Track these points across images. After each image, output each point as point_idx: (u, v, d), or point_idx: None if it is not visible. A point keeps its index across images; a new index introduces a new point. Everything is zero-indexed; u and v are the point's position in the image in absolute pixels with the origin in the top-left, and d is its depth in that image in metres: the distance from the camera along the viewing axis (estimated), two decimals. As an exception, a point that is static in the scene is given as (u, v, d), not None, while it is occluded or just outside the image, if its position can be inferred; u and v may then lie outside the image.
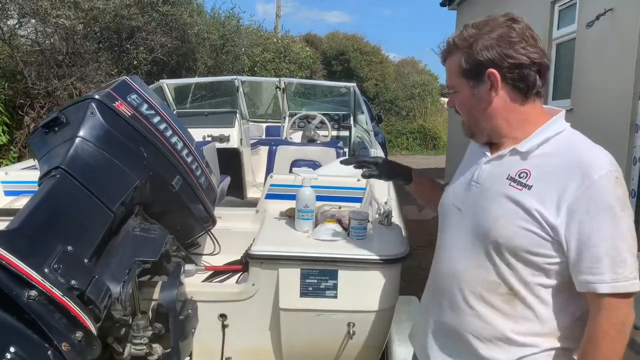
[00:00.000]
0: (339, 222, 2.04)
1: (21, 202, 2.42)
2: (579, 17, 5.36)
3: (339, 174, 2.42)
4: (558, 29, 6.04)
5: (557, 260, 1.23)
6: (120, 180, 1.71)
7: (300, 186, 2.08)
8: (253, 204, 2.55)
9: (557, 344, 1.29)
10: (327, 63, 21.85)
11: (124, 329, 1.69)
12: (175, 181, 1.86)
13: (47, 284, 1.32)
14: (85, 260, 1.47)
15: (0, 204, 2.42)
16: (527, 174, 1.28)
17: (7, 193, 2.48)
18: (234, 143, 4.75)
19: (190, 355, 1.92)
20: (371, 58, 22.99)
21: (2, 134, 6.86)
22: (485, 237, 1.29)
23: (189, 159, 1.99)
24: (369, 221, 2.01)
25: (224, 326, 1.95)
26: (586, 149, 1.27)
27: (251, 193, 4.76)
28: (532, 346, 1.29)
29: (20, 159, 7.01)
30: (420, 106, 21.24)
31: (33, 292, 1.30)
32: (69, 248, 1.43)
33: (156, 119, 1.90)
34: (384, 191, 2.29)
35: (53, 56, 7.46)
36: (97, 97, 1.72)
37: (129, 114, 1.79)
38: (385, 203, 2.09)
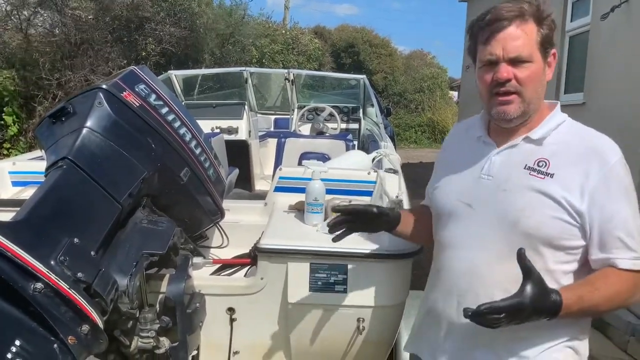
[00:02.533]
0: (349, 215, 2.01)
1: (28, 193, 2.40)
2: (593, 9, 5.28)
3: (349, 166, 2.38)
4: (572, 21, 5.95)
5: (581, 243, 1.25)
6: (128, 172, 1.68)
7: (310, 179, 2.05)
8: (261, 196, 2.52)
9: (571, 332, 1.30)
10: (336, 55, 21.78)
11: (131, 322, 1.67)
12: (183, 173, 1.84)
13: (53, 277, 1.30)
14: (92, 253, 1.45)
15: (8, 195, 2.41)
16: (546, 163, 1.27)
17: (15, 183, 2.47)
18: (242, 135, 4.72)
19: (198, 349, 1.90)
20: (380, 50, 22.89)
21: (12, 124, 6.89)
22: (513, 229, 1.26)
23: (198, 151, 1.96)
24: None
25: (232, 320, 1.93)
26: (596, 135, 1.30)
27: (259, 185, 4.74)
28: (553, 338, 1.28)
29: (30, 149, 7.04)
30: (429, 99, 21.16)
31: (39, 285, 1.28)
32: (76, 240, 1.41)
33: (164, 110, 1.87)
34: (394, 185, 2.25)
35: (65, 47, 7.45)
36: (104, 86, 1.69)
37: (137, 105, 1.76)
38: (397, 197, 2.06)
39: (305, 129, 5.42)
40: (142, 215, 1.78)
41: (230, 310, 1.92)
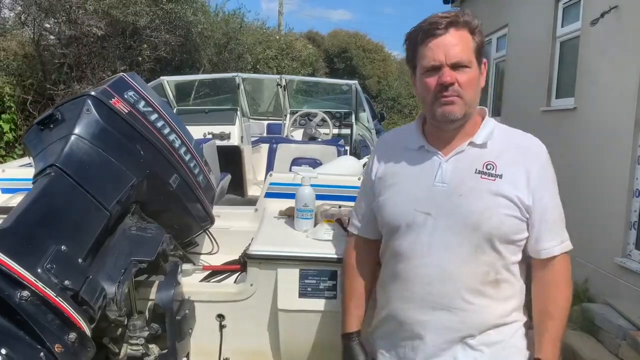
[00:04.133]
0: (339, 221, 2.02)
1: (17, 200, 2.39)
2: (584, 15, 5.31)
3: (340, 172, 2.39)
4: (562, 26, 5.99)
5: (526, 235, 1.40)
6: (117, 179, 1.68)
7: (300, 185, 2.05)
8: (254, 202, 2.52)
9: (525, 314, 1.47)
10: (329, 61, 21.85)
11: (120, 330, 1.67)
12: (172, 179, 1.83)
13: (40, 285, 1.30)
14: (80, 260, 1.45)
15: None
16: (493, 165, 1.38)
17: (4, 190, 2.46)
18: (234, 140, 4.73)
19: (188, 356, 1.89)
20: (374, 56, 22.99)
21: (9, 131, 6.87)
22: (475, 231, 1.35)
23: (187, 157, 1.96)
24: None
25: (221, 326, 1.92)
26: (524, 135, 1.46)
27: (252, 191, 4.74)
28: (515, 321, 1.43)
29: (24, 155, 7.02)
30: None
31: (25, 293, 1.28)
32: (63, 247, 1.40)
33: (154, 117, 1.87)
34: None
35: (72, 59, 7.47)
36: (93, 93, 1.69)
37: (126, 111, 1.76)
38: None
39: (298, 134, 5.43)
40: (131, 222, 1.77)
41: (220, 316, 1.92)
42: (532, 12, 6.56)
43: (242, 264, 1.96)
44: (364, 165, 2.80)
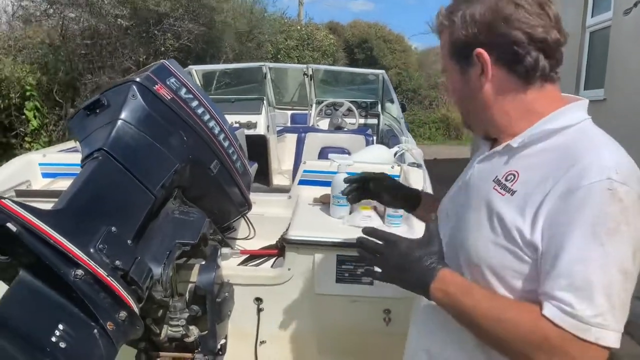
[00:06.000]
0: (374, 208, 2.03)
1: (58, 184, 2.46)
2: (615, 4, 5.22)
3: (373, 160, 2.40)
4: (592, 16, 5.89)
5: (532, 287, 0.97)
6: (161, 163, 1.71)
7: (335, 172, 2.07)
8: (279, 190, 2.55)
9: None
10: (349, 51, 21.74)
11: (161, 311, 1.71)
12: (213, 165, 1.87)
13: (93, 264, 1.34)
14: (129, 241, 1.49)
15: (39, 186, 2.46)
16: (514, 176, 1.03)
17: (45, 175, 2.52)
18: (260, 130, 4.75)
19: (226, 338, 1.94)
20: (394, 46, 22.82)
21: (33, 118, 6.99)
22: (461, 249, 1.10)
23: (226, 144, 1.99)
24: (404, 208, 1.99)
25: (259, 310, 1.96)
26: (590, 147, 0.97)
27: (277, 180, 4.77)
28: None
29: (50, 143, 7.14)
30: (444, 95, 21.02)
31: (79, 271, 1.31)
32: (113, 229, 1.44)
33: (194, 103, 1.91)
34: (419, 179, 2.27)
35: (98, 49, 7.57)
36: (137, 80, 1.72)
37: (169, 98, 1.79)
38: (422, 190, 2.07)
39: (323, 124, 5.43)
40: (174, 206, 1.81)
41: (258, 300, 1.96)
42: (562, 3, 6.46)
43: (279, 248, 1.99)
44: (395, 154, 2.80)
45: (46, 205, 1.43)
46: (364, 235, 1.18)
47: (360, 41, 22.48)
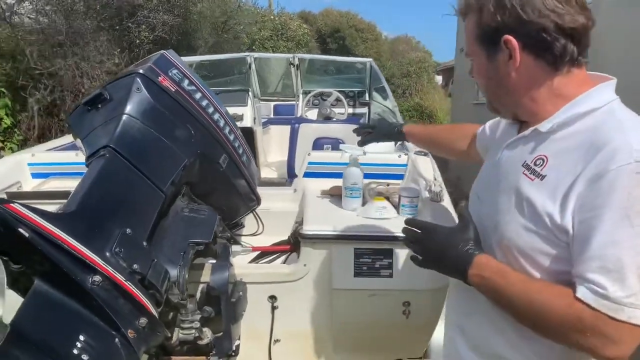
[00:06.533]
0: (387, 199, 1.98)
1: (51, 185, 2.34)
2: None
3: (379, 150, 2.35)
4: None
5: (569, 269, 0.99)
6: (169, 159, 1.63)
7: (344, 164, 2.01)
8: (268, 183, 2.48)
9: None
10: (322, 41, 21.67)
11: (171, 314, 1.64)
12: (222, 159, 1.79)
13: (110, 269, 1.26)
14: (144, 243, 1.41)
15: (29, 187, 2.34)
16: (543, 160, 1.04)
17: (35, 175, 2.40)
18: (247, 122, 4.66)
19: (239, 338, 1.87)
20: (366, 35, 22.85)
21: (5, 116, 6.72)
22: (494, 233, 1.12)
23: (232, 137, 1.91)
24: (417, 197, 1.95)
25: (273, 308, 1.90)
26: (618, 129, 0.97)
27: (264, 173, 4.69)
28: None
29: (25, 141, 6.90)
30: (416, 84, 21.13)
31: (97, 277, 1.23)
32: (128, 231, 1.36)
33: (198, 95, 1.82)
34: (427, 167, 2.23)
35: (53, 36, 7.28)
36: (141, 71, 1.63)
37: (174, 90, 1.70)
38: (435, 179, 2.03)
39: (312, 114, 5.34)
40: (183, 203, 1.73)
41: (272, 298, 1.89)
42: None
43: (292, 244, 1.93)
44: (395, 144, 2.76)
45: (41, 207, 1.34)
46: (406, 225, 1.25)
47: (332, 30, 22.42)
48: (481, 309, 1.16)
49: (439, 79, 24.27)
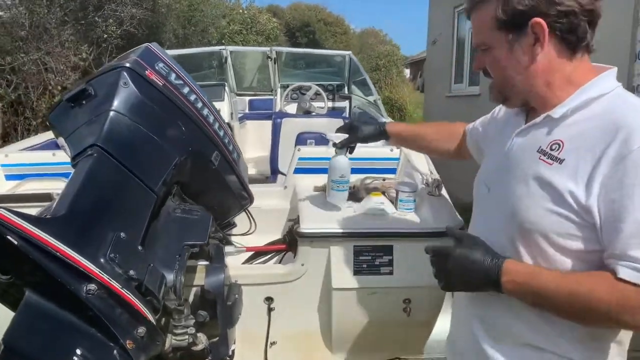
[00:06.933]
0: (384, 194, 1.93)
1: (27, 186, 2.21)
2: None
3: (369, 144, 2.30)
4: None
5: (594, 248, 1.04)
6: (160, 158, 1.55)
7: (329, 158, 1.92)
8: (249, 180, 2.40)
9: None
10: (290, 35, 21.54)
11: (163, 319, 1.56)
12: (214, 157, 1.71)
13: (105, 276, 1.17)
14: (140, 247, 1.33)
15: (4, 190, 2.20)
16: (559, 145, 1.08)
17: (9, 177, 2.26)
18: (224, 117, 4.54)
19: (234, 343, 1.80)
20: (335, 29, 22.82)
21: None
22: (511, 220, 1.13)
23: (221, 133, 1.83)
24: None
25: (269, 309, 1.83)
26: (631, 110, 1.04)
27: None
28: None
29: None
30: (385, 77, 21.21)
31: (92, 286, 1.15)
32: (122, 235, 1.28)
33: (186, 90, 1.73)
34: (420, 160, 2.19)
35: (15, 30, 6.99)
36: (128, 65, 1.54)
37: (161, 84, 1.62)
38: (431, 172, 1.99)
39: (290, 109, 5.24)
40: (174, 204, 1.65)
41: (268, 299, 1.83)
42: None
43: (287, 243, 1.86)
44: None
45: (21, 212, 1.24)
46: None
47: (301, 24, 22.31)
48: (500, 296, 1.14)
49: (407, 72, 24.46)
